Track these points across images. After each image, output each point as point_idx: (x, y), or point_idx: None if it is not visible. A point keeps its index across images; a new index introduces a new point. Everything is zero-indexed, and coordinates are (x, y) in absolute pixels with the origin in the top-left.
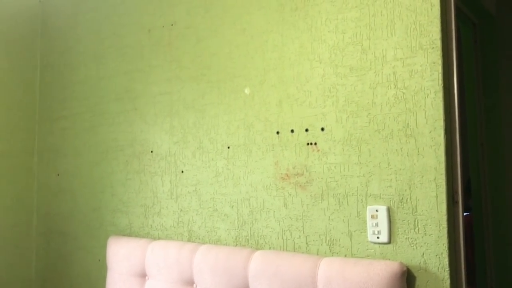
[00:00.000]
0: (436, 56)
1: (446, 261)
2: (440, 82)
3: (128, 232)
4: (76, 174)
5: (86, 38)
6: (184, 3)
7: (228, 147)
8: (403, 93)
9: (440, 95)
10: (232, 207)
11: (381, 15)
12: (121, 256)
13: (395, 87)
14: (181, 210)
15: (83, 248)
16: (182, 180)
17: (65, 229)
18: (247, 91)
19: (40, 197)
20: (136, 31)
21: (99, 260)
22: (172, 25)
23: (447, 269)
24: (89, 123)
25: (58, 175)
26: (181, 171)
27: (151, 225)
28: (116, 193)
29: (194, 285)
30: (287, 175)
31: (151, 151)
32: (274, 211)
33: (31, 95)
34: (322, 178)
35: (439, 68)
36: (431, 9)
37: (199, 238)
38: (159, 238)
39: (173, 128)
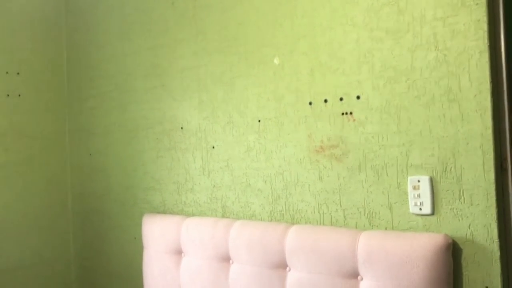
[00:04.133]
0: (481, 13)
1: (495, 232)
2: (486, 41)
3: (162, 210)
4: (107, 153)
5: (110, 15)
6: None
7: (259, 121)
8: (445, 55)
9: (486, 55)
10: (265, 181)
11: None
12: (157, 233)
13: (435, 49)
14: (214, 186)
15: (119, 226)
16: (214, 156)
17: (100, 208)
18: (276, 61)
19: (74, 177)
20: (160, 4)
21: (135, 238)
22: None
23: (497, 240)
24: (117, 101)
25: (90, 154)
26: (212, 147)
27: (184, 201)
28: (148, 170)
29: (231, 261)
30: (322, 148)
31: (181, 128)
32: (309, 185)
33: (59, 76)
34: (359, 149)
35: (484, 26)
36: None
37: (233, 214)
38: (193, 215)
39: (202, 103)
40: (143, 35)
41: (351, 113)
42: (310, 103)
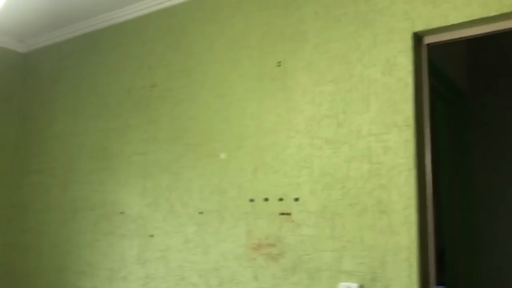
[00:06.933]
0: (409, 134)
1: None
2: (413, 160)
3: None
4: (42, 232)
5: (66, 94)
6: (166, 66)
7: (200, 213)
8: (377, 168)
9: (413, 173)
10: (200, 276)
11: (357, 90)
12: None
13: (369, 162)
14: (147, 276)
15: None
16: (151, 245)
17: None
18: (223, 156)
19: (4, 254)
20: (116, 90)
21: None
22: (152, 86)
23: None
24: (60, 179)
25: (24, 232)
26: (150, 235)
27: None
28: (83, 254)
29: None
30: (259, 245)
31: (122, 213)
32: (245, 284)
33: (6, 148)
34: (294, 251)
35: (412, 146)
36: (405, 88)
37: None
38: None
39: (146, 190)
40: (96, 117)
41: (289, 214)
42: (252, 200)
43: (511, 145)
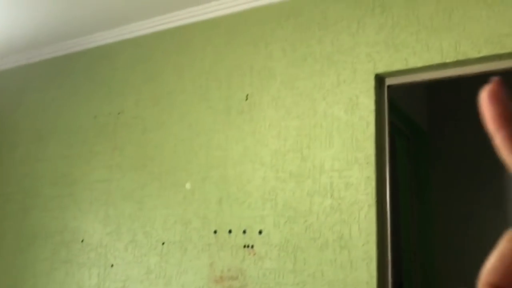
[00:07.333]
0: (370, 171)
1: None
2: (374, 196)
3: None
4: None
5: (30, 118)
6: (134, 94)
7: (163, 243)
8: (339, 203)
9: (373, 209)
10: None
11: (321, 127)
12: None
13: (331, 197)
14: None
15: None
16: (111, 275)
17: None
18: (188, 186)
19: None
20: (82, 116)
21: None
22: (119, 113)
23: None
24: (19, 205)
25: None
26: (110, 265)
27: None
28: (39, 284)
29: None
30: (221, 278)
31: (82, 241)
32: None
33: None
34: (256, 284)
35: (372, 183)
36: (367, 127)
37: None
38: None
39: (108, 218)
40: (59, 143)
41: (252, 246)
42: (215, 232)
43: (469, 180)
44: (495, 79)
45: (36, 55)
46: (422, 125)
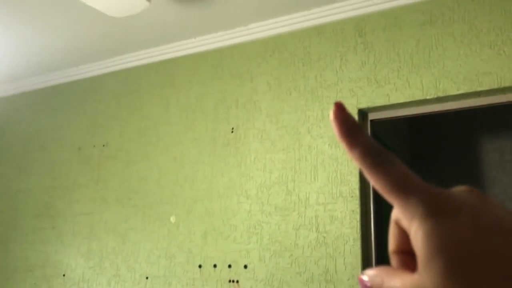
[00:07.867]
0: (355, 205)
1: None
2: (359, 230)
3: None
4: None
5: (12, 149)
6: (118, 126)
7: (147, 278)
8: (324, 237)
9: (358, 243)
10: None
11: (306, 160)
12: None
13: (316, 231)
14: None
15: None
16: None
17: None
18: (172, 219)
19: None
20: (66, 147)
21: None
22: (103, 145)
23: None
24: (0, 237)
25: None
26: None
27: None
28: None
29: None
30: None
31: (63, 275)
32: None
33: None
34: None
35: (357, 216)
36: (351, 160)
37: None
38: None
39: (90, 252)
40: (42, 174)
41: (237, 281)
42: (200, 266)
43: None
44: (337, 102)
45: (20, 86)
46: (405, 157)
